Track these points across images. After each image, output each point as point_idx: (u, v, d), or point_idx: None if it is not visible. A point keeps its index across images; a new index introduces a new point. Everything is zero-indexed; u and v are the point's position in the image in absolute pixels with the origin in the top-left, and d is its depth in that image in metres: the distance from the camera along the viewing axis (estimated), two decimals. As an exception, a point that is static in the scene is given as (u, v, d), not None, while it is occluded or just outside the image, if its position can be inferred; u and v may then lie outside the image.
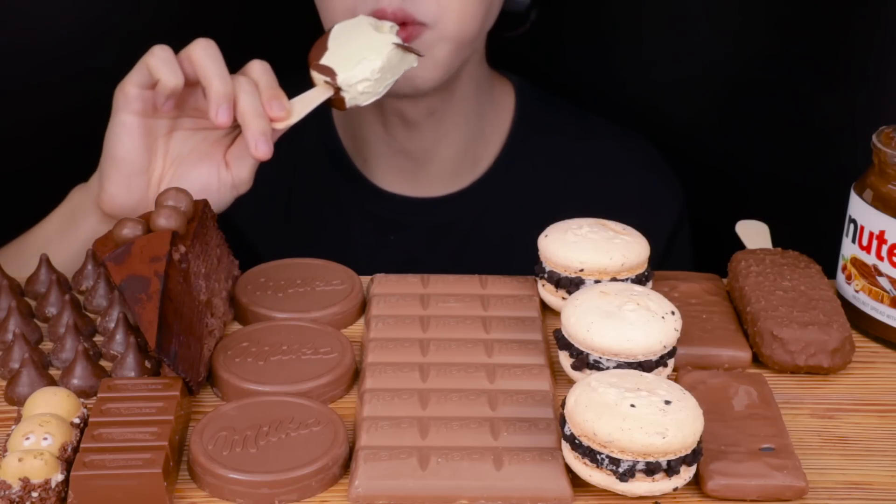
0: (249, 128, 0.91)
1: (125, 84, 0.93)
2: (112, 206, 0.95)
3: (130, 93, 0.92)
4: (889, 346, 0.91)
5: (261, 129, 0.91)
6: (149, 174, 0.95)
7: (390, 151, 1.15)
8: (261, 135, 0.91)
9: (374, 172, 1.16)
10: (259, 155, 0.91)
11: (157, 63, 0.91)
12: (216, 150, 0.96)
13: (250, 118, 0.91)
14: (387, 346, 0.87)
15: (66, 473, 0.72)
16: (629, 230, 0.92)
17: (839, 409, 0.84)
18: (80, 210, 0.98)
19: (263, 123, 0.91)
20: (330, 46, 0.96)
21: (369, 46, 0.95)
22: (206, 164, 0.95)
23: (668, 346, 0.81)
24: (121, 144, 0.93)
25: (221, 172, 0.96)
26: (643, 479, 0.72)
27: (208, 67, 0.91)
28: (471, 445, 0.76)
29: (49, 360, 0.86)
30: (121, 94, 0.93)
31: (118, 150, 0.94)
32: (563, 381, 0.85)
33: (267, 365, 0.84)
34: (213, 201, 0.94)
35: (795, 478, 0.75)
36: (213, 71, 0.91)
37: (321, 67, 0.95)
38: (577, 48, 1.33)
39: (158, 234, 0.82)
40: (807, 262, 0.96)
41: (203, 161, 0.96)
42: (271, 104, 0.92)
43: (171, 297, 0.80)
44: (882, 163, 0.90)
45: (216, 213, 0.94)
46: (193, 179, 0.95)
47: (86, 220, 0.97)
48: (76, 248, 0.98)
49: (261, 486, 0.73)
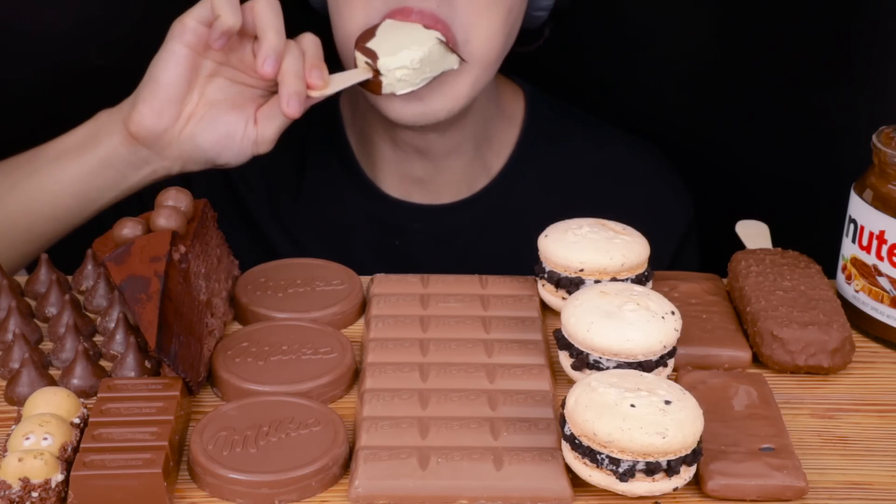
0: (286, 85, 0.94)
1: (185, 16, 0.95)
2: (139, 127, 0.97)
3: (188, 24, 0.95)
4: (889, 346, 0.91)
5: (296, 89, 0.94)
6: (182, 106, 0.97)
7: (399, 161, 1.14)
8: (295, 94, 0.94)
9: (381, 178, 1.16)
10: (289, 112, 0.94)
11: (223, 3, 0.93)
12: (249, 104, 0.98)
13: (290, 77, 0.94)
14: (387, 346, 0.87)
15: (66, 473, 0.72)
16: (629, 230, 0.92)
17: (839, 409, 0.84)
18: (104, 128, 0.99)
19: (300, 85, 0.94)
20: (378, 34, 0.99)
21: (414, 38, 0.98)
22: (236, 113, 0.98)
23: (668, 346, 0.81)
24: (165, 70, 0.96)
25: (248, 126, 0.98)
26: (643, 479, 0.72)
27: (268, 20, 0.94)
28: (471, 445, 0.76)
29: (49, 360, 0.86)
30: (178, 25, 0.95)
31: (161, 75, 0.96)
32: (563, 381, 0.85)
33: (267, 365, 0.84)
34: (232, 152, 0.98)
35: (795, 478, 0.75)
36: (271, 24, 0.94)
37: (365, 49, 0.98)
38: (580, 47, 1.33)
39: (158, 234, 0.82)
40: (807, 262, 0.96)
41: (234, 110, 0.98)
42: (312, 71, 0.95)
43: (171, 297, 0.80)
44: (882, 163, 0.90)
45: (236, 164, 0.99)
46: (221, 124, 0.98)
47: (108, 139, 0.98)
48: (91, 163, 0.99)
49: (261, 486, 0.73)
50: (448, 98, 1.03)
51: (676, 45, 1.31)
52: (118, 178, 0.99)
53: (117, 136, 0.98)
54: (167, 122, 0.97)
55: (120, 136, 0.98)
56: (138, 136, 0.97)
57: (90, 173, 0.99)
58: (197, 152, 0.98)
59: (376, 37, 0.99)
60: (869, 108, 1.20)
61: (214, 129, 0.97)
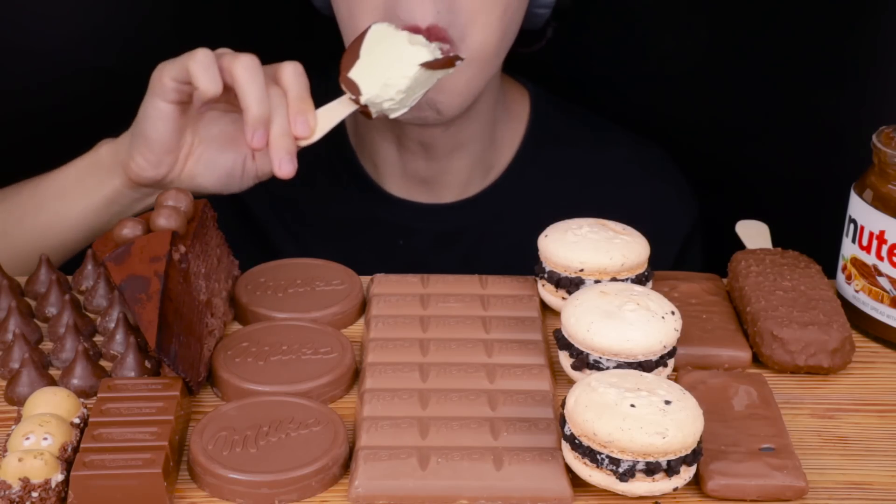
0: (275, 148, 0.92)
1: (163, 74, 0.94)
2: (139, 178, 0.97)
3: (167, 84, 0.94)
4: (889, 346, 0.91)
5: (286, 148, 0.92)
6: (177, 152, 0.97)
7: (402, 160, 1.14)
8: (286, 154, 0.92)
9: (384, 178, 1.16)
10: (282, 174, 0.92)
11: (199, 69, 0.92)
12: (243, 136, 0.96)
13: (277, 138, 0.92)
14: (387, 346, 0.87)
15: (66, 473, 0.72)
16: (629, 230, 0.92)
17: (839, 409, 0.84)
18: (106, 167, 0.99)
19: (289, 143, 0.92)
20: (362, 54, 0.95)
21: (397, 65, 0.94)
22: (233, 150, 0.98)
23: (668, 346, 0.81)
24: (153, 127, 0.96)
25: (247, 162, 0.98)
26: (643, 479, 0.72)
27: (248, 89, 0.91)
28: (471, 445, 0.76)
29: (49, 360, 0.86)
30: (157, 82, 0.95)
31: (150, 132, 0.96)
32: (563, 381, 0.85)
33: (267, 365, 0.84)
34: (235, 187, 0.99)
35: (795, 478, 0.75)
36: (253, 94, 0.91)
37: (349, 82, 0.95)
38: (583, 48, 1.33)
39: (158, 234, 0.82)
40: (807, 262, 0.96)
41: (230, 146, 0.98)
42: (297, 121, 0.93)
43: (171, 297, 0.80)
44: (882, 163, 0.90)
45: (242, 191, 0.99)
46: (219, 165, 0.98)
47: (111, 180, 0.99)
48: (96, 201, 1.00)
49: (261, 486, 0.73)
50: (448, 94, 1.03)
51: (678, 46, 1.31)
52: (125, 212, 1.00)
53: (119, 179, 0.99)
54: (165, 169, 0.97)
55: (122, 178, 0.99)
56: (140, 182, 0.98)
57: (97, 210, 1.00)
58: (200, 190, 0.99)
59: (360, 59, 0.95)
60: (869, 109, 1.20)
61: (213, 170, 0.98)
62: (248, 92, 0.91)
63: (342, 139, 1.17)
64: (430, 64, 0.94)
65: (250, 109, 0.91)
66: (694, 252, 1.21)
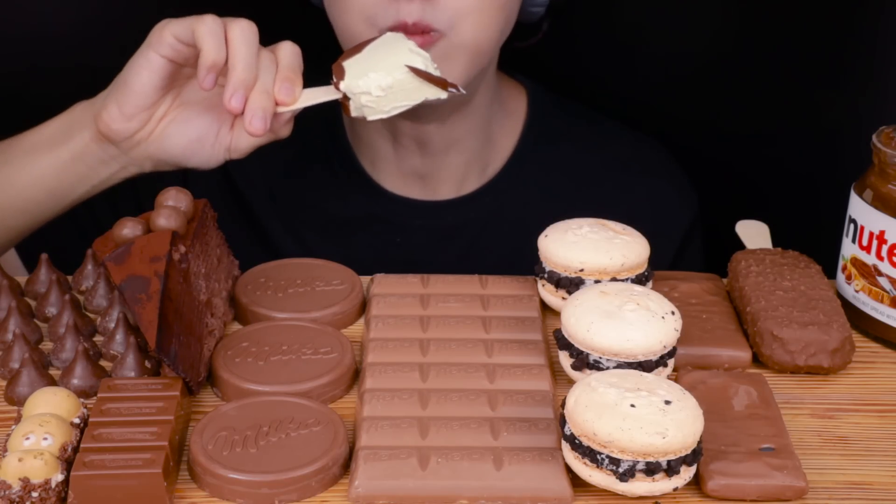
0: (251, 102, 0.91)
1: (164, 29, 0.93)
2: (108, 129, 0.95)
3: (166, 39, 0.92)
4: (889, 346, 0.91)
5: (261, 105, 0.91)
6: (153, 110, 0.95)
7: (399, 156, 1.14)
8: (259, 110, 0.91)
9: (381, 176, 1.16)
10: (251, 129, 0.91)
11: (206, 34, 0.90)
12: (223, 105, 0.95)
13: (255, 94, 0.91)
14: (387, 346, 0.87)
15: (66, 473, 0.72)
16: (629, 230, 0.92)
17: (839, 409, 0.84)
18: (77, 123, 0.98)
19: (266, 102, 0.91)
20: (364, 50, 0.95)
21: (388, 63, 0.93)
22: (210, 117, 0.96)
23: (668, 346, 0.81)
24: (139, 78, 0.94)
25: (222, 131, 0.96)
26: (643, 479, 0.72)
27: (238, 51, 0.91)
28: (471, 445, 0.76)
29: (49, 360, 0.86)
30: (157, 35, 0.93)
31: (134, 82, 0.94)
32: (563, 381, 0.85)
33: (267, 365, 0.84)
34: (202, 157, 0.96)
35: (795, 478, 0.75)
36: (241, 56, 0.91)
37: (338, 68, 0.94)
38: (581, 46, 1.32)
39: (158, 234, 0.82)
40: (807, 262, 0.96)
41: (208, 112, 0.96)
42: (282, 87, 0.92)
43: (171, 297, 0.80)
44: (882, 163, 0.90)
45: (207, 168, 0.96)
46: (192, 128, 0.96)
47: (80, 134, 0.97)
48: (62, 157, 0.97)
49: (261, 486, 0.73)
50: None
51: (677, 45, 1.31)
52: (88, 174, 0.98)
53: (88, 131, 0.96)
54: (136, 125, 0.95)
55: (90, 132, 0.96)
56: (107, 136, 0.95)
57: (61, 167, 0.98)
58: (165, 155, 0.97)
59: (360, 54, 0.94)
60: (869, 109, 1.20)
61: (185, 132, 0.95)
62: (237, 53, 0.90)
63: (339, 136, 1.17)
64: (417, 71, 0.93)
65: (235, 69, 0.90)
66: (694, 248, 1.21)
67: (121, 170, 0.98)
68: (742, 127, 1.32)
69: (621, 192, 1.17)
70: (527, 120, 1.18)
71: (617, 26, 1.33)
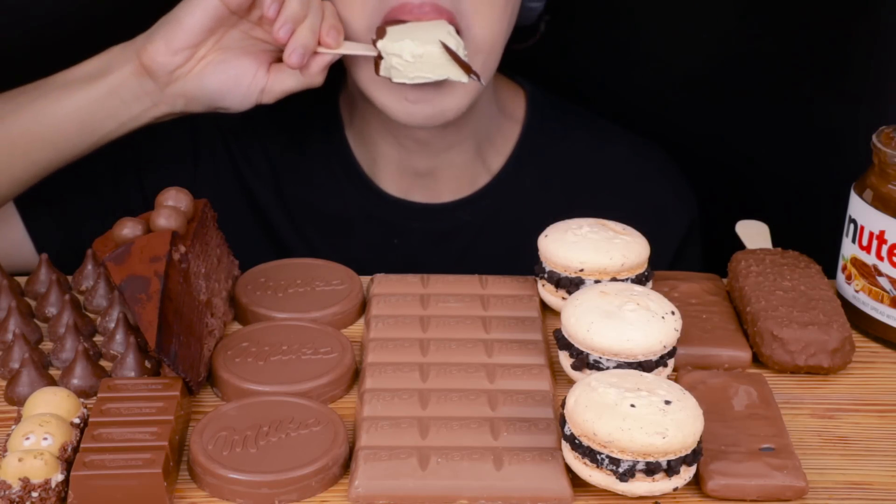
0: (296, 36, 0.96)
1: None
2: (152, 62, 0.97)
3: None
4: (889, 346, 0.91)
5: (305, 41, 0.96)
6: (197, 49, 0.98)
7: (399, 157, 1.14)
8: (301, 47, 0.96)
9: (381, 177, 1.16)
10: (291, 62, 0.96)
11: None
12: (263, 54, 1.00)
13: (302, 30, 0.96)
14: (387, 346, 0.87)
15: (66, 473, 0.72)
16: (629, 230, 0.92)
17: (839, 409, 0.84)
18: (116, 60, 1.00)
19: (310, 39, 0.97)
20: (409, 23, 0.99)
21: (424, 36, 0.98)
22: (249, 59, 0.99)
23: (668, 346, 0.81)
24: (192, 17, 0.97)
25: (259, 73, 0.99)
26: (643, 479, 0.72)
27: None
28: (471, 445, 0.76)
29: (49, 360, 0.86)
30: None
31: (187, 19, 0.97)
32: (563, 381, 0.85)
33: (267, 365, 0.84)
34: (236, 98, 1.00)
35: (795, 478, 0.75)
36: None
37: (380, 29, 0.99)
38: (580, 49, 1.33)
39: (158, 234, 0.82)
40: (807, 262, 0.96)
41: (247, 56, 0.99)
42: (329, 31, 0.98)
43: (171, 297, 0.80)
44: (882, 163, 0.90)
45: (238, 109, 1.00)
46: (231, 68, 0.99)
47: (119, 70, 0.99)
48: (96, 94, 0.99)
49: (261, 486, 0.73)
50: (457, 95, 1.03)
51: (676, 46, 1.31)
52: (121, 109, 1.00)
53: (129, 65, 0.99)
54: (180, 60, 0.98)
55: (132, 66, 0.98)
56: (150, 69, 0.98)
57: (94, 101, 0.99)
58: (201, 92, 0.99)
59: (407, 24, 0.99)
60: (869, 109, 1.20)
61: (224, 71, 0.98)
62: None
63: (339, 138, 1.17)
64: (447, 48, 0.97)
65: (290, 4, 0.95)
66: (692, 250, 1.21)
67: (152, 107, 1.00)
68: (742, 127, 1.32)
69: (620, 194, 1.17)
70: (526, 122, 1.18)
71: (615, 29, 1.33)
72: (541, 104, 1.20)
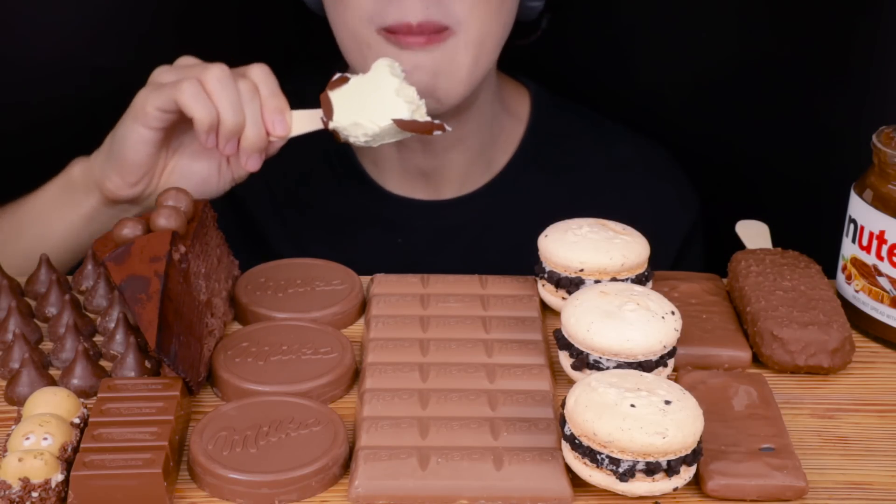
0: (244, 144, 0.94)
1: (146, 103, 0.94)
2: (116, 197, 0.98)
3: (150, 113, 0.94)
4: (889, 346, 0.91)
5: (254, 145, 0.94)
6: (154, 171, 0.97)
7: (402, 155, 1.14)
8: (254, 151, 0.95)
9: (383, 175, 1.16)
10: (249, 168, 0.96)
11: (190, 101, 0.92)
12: None
13: (247, 133, 0.93)
14: (387, 346, 0.87)
15: (66, 473, 0.72)
16: (629, 230, 0.92)
17: (839, 409, 0.84)
18: (81, 187, 0.99)
19: (257, 139, 0.94)
20: (352, 80, 0.95)
21: (374, 110, 0.93)
22: (207, 157, 0.98)
23: (668, 346, 0.81)
24: (133, 151, 0.95)
25: (222, 167, 0.98)
26: (643, 479, 0.72)
27: (221, 103, 0.92)
28: (471, 445, 0.76)
29: (49, 360, 0.86)
30: (141, 110, 0.94)
31: (130, 155, 0.95)
32: (563, 381, 0.85)
33: (267, 365, 0.84)
34: (211, 191, 0.99)
35: (795, 478, 0.75)
36: (225, 107, 0.92)
37: (327, 101, 0.95)
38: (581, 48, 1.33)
39: (158, 234, 0.82)
40: (807, 262, 0.96)
41: (203, 154, 0.98)
42: (274, 120, 0.94)
43: (171, 297, 0.80)
44: (882, 163, 0.90)
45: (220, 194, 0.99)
46: (195, 173, 0.98)
47: (87, 199, 0.99)
48: (74, 221, 1.00)
49: (261, 486, 0.73)
50: (448, 81, 1.02)
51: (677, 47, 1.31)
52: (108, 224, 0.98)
53: (94, 197, 0.99)
54: (142, 187, 0.97)
55: (98, 197, 0.98)
56: (117, 200, 0.98)
57: (77, 230, 1.00)
58: None
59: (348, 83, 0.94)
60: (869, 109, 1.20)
61: (189, 178, 0.98)
62: (221, 105, 0.92)
63: None
64: (402, 123, 0.93)
65: (225, 122, 0.92)
66: (694, 250, 1.21)
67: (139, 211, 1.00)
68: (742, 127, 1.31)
69: (623, 193, 1.17)
70: (530, 120, 1.18)
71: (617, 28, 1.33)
72: (545, 103, 1.20)
